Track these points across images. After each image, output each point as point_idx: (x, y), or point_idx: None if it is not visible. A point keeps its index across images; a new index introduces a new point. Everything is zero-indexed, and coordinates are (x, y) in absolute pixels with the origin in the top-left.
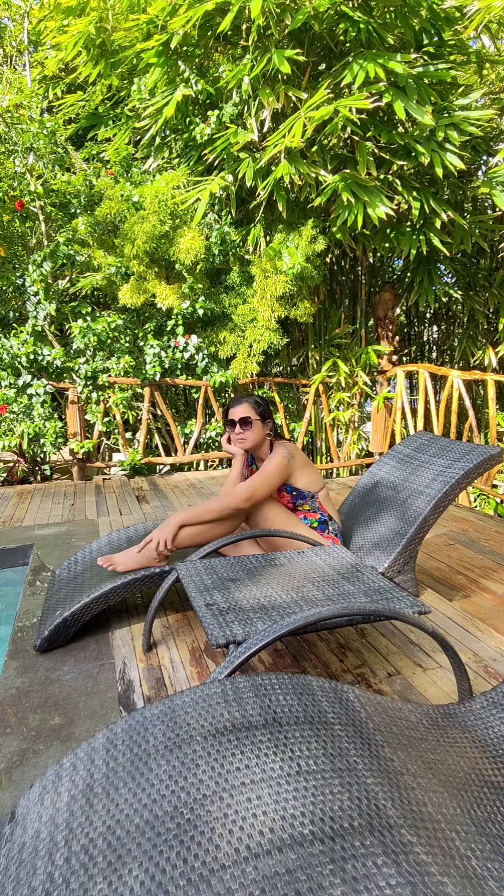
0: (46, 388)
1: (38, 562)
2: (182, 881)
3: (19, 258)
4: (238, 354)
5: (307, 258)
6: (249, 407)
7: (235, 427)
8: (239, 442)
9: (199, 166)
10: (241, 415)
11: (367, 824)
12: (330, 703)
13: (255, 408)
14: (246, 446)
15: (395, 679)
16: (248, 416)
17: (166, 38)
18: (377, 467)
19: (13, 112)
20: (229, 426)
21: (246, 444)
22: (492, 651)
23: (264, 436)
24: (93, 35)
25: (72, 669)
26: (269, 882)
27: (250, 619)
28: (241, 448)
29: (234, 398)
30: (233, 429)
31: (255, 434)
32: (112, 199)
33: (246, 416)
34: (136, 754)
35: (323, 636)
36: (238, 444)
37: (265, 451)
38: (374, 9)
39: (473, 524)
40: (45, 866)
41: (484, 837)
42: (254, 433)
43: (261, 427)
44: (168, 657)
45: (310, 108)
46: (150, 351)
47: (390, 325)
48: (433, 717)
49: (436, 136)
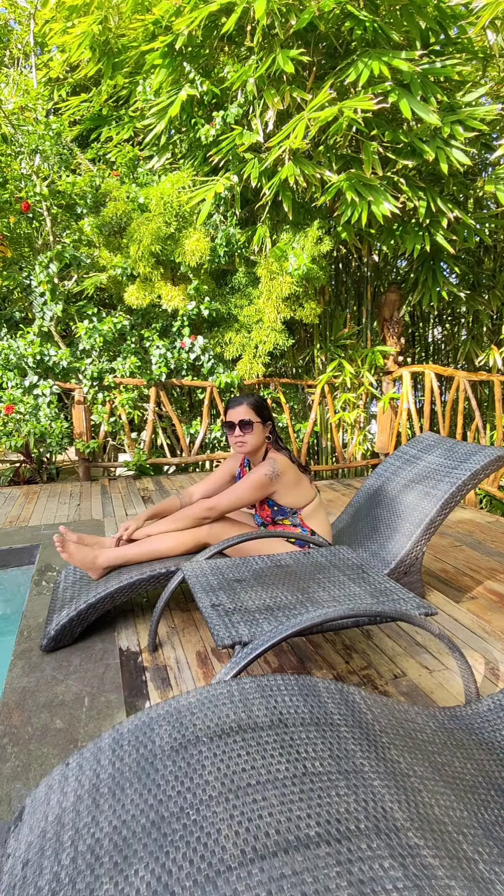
0: (53, 388)
1: (44, 562)
2: (188, 882)
3: (26, 259)
4: (244, 355)
5: (313, 259)
6: (249, 408)
7: (235, 429)
8: (238, 446)
9: (205, 167)
10: (240, 417)
11: (373, 826)
12: (336, 704)
13: (255, 409)
14: (245, 450)
15: (402, 681)
16: (248, 419)
17: (171, 39)
18: (383, 468)
19: (19, 114)
20: (227, 428)
21: (245, 447)
22: (499, 653)
23: (264, 439)
24: (97, 35)
25: (77, 669)
26: (275, 884)
27: (256, 620)
28: (240, 452)
29: (233, 398)
30: (231, 431)
31: (256, 438)
32: (118, 200)
33: (246, 419)
34: (143, 755)
35: (329, 637)
36: (237, 447)
37: (260, 455)
38: (381, 7)
39: (480, 526)
40: (51, 866)
41: (491, 840)
42: (254, 436)
43: (261, 430)
44: (174, 657)
45: (313, 108)
46: (156, 352)
47: (396, 325)
48: (440, 719)
49: (441, 133)
